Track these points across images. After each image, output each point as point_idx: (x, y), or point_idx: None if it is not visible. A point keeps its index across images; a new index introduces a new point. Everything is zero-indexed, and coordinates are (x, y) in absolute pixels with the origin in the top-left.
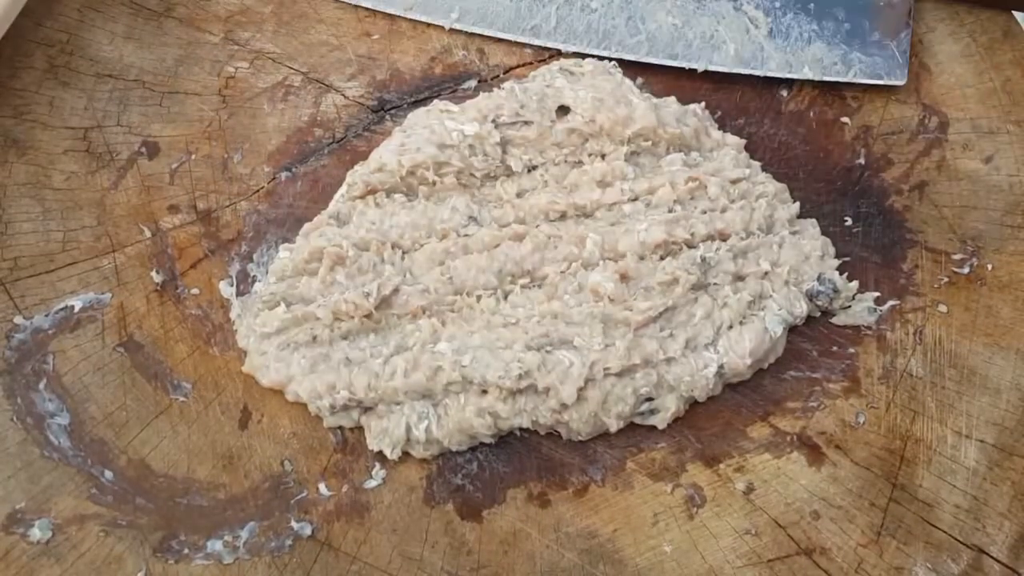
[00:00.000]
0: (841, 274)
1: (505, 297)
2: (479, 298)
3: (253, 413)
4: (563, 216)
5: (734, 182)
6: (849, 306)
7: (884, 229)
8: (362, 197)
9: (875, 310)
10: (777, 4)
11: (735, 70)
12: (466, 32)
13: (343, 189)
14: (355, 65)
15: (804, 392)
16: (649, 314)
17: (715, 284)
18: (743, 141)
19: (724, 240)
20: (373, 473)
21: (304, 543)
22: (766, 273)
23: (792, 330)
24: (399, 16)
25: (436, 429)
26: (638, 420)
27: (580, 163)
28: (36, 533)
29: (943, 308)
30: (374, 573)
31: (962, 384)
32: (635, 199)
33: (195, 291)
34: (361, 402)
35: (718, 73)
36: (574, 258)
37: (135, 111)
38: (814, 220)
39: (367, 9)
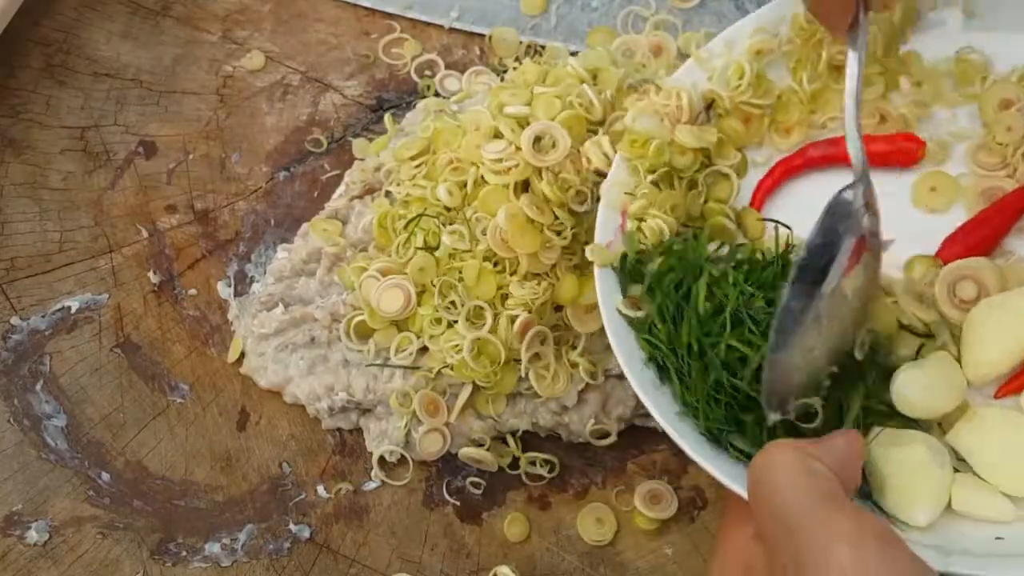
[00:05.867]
0: None
1: None
2: None
3: (251, 415)
4: None
5: None
6: None
7: None
8: (360, 197)
9: None
10: None
11: None
12: (466, 31)
13: (341, 189)
14: (354, 64)
15: None
16: None
17: None
18: None
19: None
20: (372, 475)
21: (303, 545)
22: None
23: None
24: (398, 15)
25: None
26: (638, 422)
27: None
28: (33, 535)
29: None
30: None
31: None
32: None
33: (193, 292)
34: (360, 404)
35: None
36: None
37: (132, 110)
38: None
39: (366, 8)
